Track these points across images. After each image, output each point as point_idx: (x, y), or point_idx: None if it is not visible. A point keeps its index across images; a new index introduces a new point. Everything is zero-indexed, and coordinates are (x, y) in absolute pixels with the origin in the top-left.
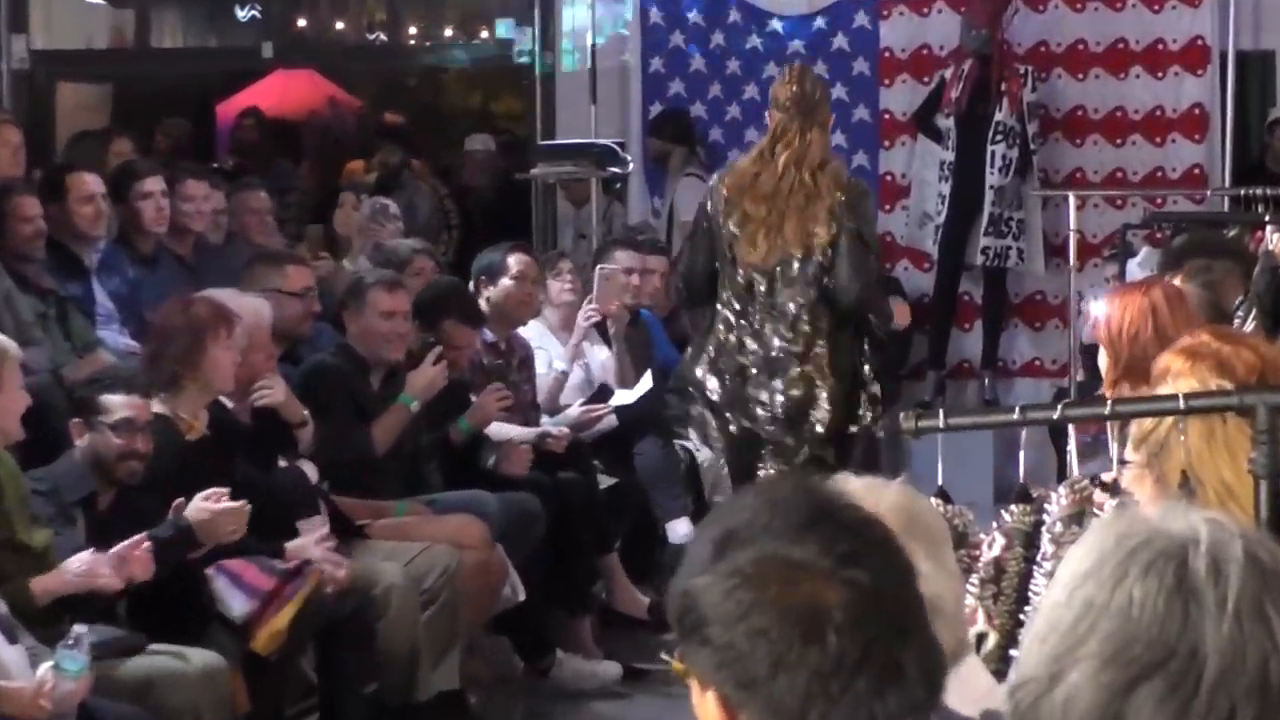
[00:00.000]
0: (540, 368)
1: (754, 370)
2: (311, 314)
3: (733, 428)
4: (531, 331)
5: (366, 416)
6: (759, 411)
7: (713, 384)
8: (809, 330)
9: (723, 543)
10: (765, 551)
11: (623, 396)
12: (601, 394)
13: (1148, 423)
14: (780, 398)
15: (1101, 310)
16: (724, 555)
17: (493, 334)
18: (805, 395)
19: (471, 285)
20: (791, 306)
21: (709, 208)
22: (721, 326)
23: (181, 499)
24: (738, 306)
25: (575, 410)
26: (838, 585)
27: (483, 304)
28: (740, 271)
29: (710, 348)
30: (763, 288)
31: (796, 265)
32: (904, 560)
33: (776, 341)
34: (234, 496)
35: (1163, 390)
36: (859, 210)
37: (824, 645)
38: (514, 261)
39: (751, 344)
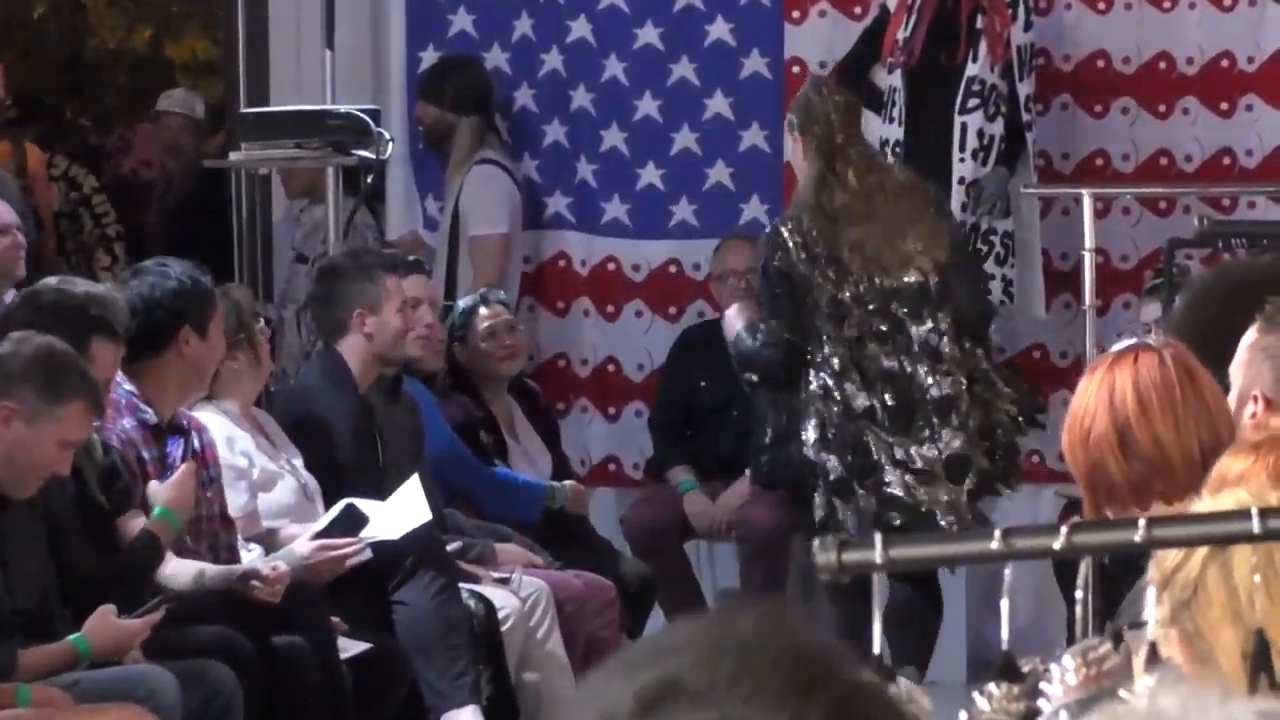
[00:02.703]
0: (237, 471)
1: (883, 428)
2: None
3: (864, 504)
4: (207, 418)
5: None
6: (899, 476)
7: (833, 463)
8: (960, 361)
9: (655, 697)
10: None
11: (382, 523)
12: (349, 519)
13: (1171, 559)
14: (940, 448)
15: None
16: (655, 715)
17: (153, 411)
18: (969, 441)
19: None
20: (934, 337)
21: (783, 262)
22: (821, 393)
23: None
24: (845, 361)
25: (304, 546)
26: None
27: None
28: (856, 313)
29: (812, 422)
30: (898, 318)
31: (928, 288)
32: None
33: (931, 381)
34: None
35: (1210, 505)
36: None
37: None
38: None
39: (884, 396)
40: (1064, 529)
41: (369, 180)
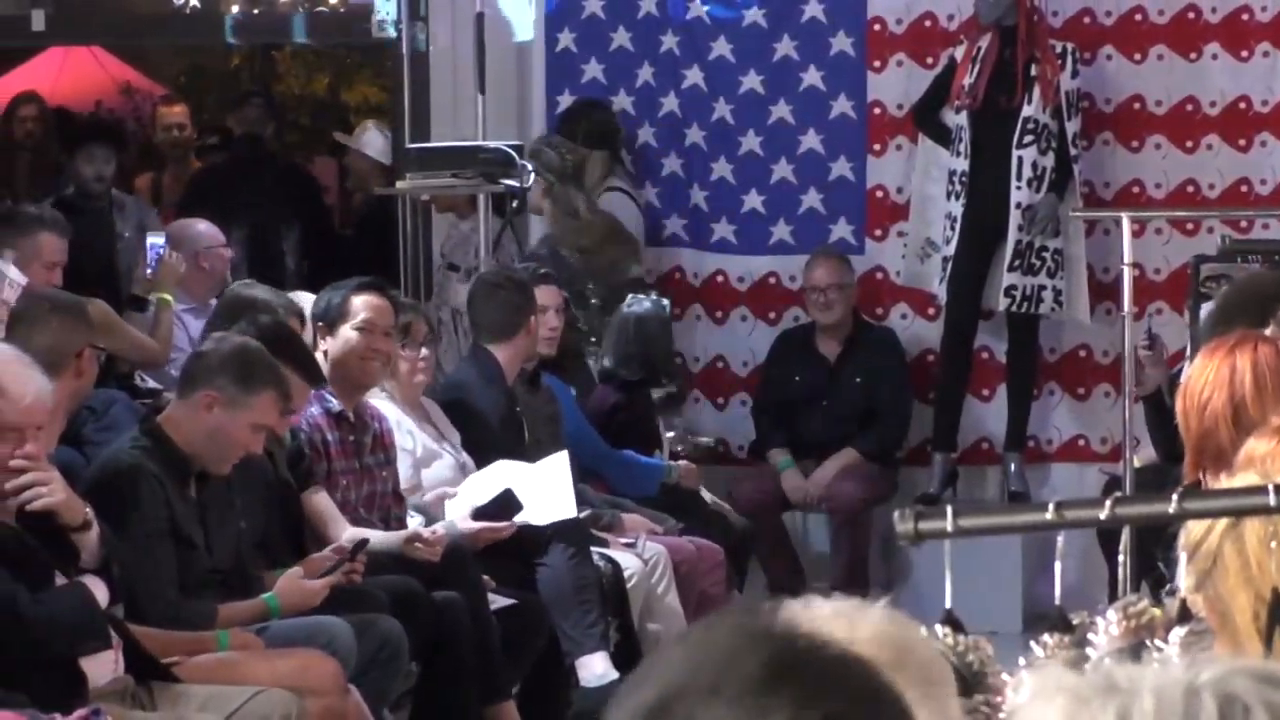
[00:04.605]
0: (405, 451)
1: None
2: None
3: None
4: (379, 405)
5: (183, 537)
6: None
7: None
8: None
9: (651, 715)
10: None
11: (533, 511)
12: (506, 503)
13: (1196, 530)
14: None
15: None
16: None
17: (338, 401)
18: None
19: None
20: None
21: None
22: None
23: None
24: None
25: (466, 524)
26: None
27: (319, 359)
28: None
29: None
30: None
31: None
32: (902, 710)
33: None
34: None
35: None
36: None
37: None
38: (360, 305)
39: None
40: (1108, 502)
41: (514, 204)
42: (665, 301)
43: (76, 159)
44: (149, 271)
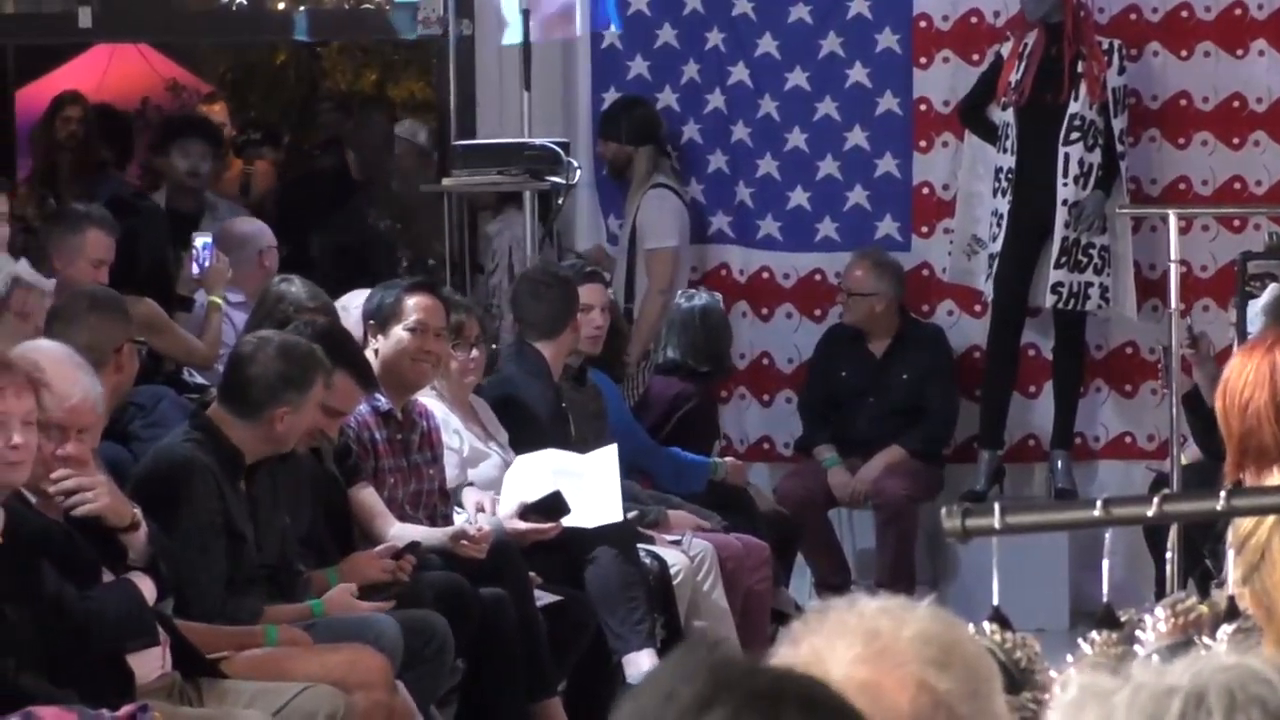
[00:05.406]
0: (451, 450)
1: None
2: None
3: None
4: (427, 403)
5: (235, 532)
6: None
7: None
8: None
9: None
10: None
11: (581, 514)
12: (555, 505)
13: (1245, 524)
14: None
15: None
16: None
17: (387, 400)
18: None
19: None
20: None
21: None
22: None
23: None
24: None
25: (513, 523)
26: None
27: (370, 358)
28: None
29: None
30: None
31: None
32: None
33: None
34: (44, 620)
35: None
36: None
37: None
38: (413, 305)
39: None
40: (1156, 499)
41: (559, 202)
42: (719, 295)
43: (171, 153)
44: (196, 272)
